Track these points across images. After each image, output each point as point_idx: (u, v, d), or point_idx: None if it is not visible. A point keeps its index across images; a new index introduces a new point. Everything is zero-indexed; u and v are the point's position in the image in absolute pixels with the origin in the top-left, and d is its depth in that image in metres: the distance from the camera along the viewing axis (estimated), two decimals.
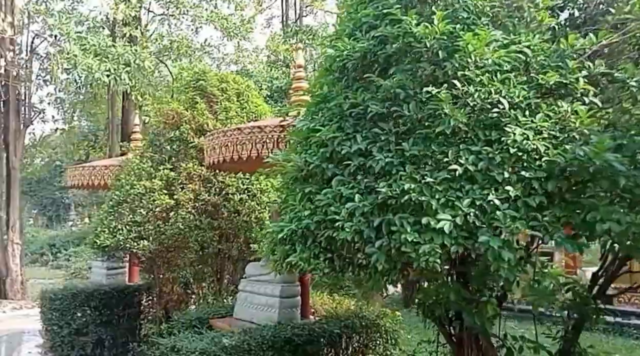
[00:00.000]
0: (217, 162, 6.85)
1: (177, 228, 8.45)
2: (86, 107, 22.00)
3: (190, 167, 8.79)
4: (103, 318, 10.22)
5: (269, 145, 6.30)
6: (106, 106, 22.90)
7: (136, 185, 8.80)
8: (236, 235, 8.96)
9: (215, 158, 6.83)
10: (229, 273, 9.40)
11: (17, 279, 19.04)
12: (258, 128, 6.40)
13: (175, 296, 9.19)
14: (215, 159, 6.84)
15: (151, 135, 9.49)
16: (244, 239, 8.93)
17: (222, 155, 6.70)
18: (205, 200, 8.64)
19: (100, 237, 8.71)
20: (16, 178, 19.38)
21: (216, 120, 9.19)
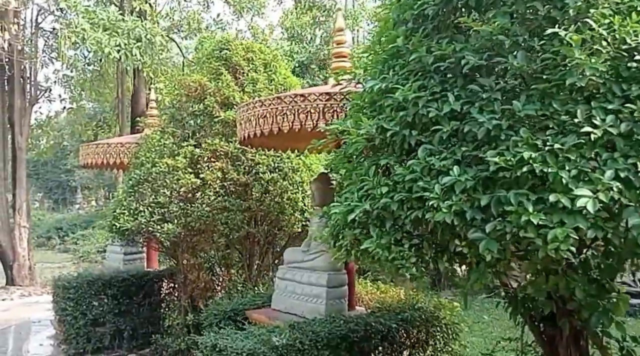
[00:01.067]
0: (252, 135, 6.09)
1: (204, 210, 7.71)
2: (94, 86, 21.10)
3: (216, 143, 8.04)
4: (121, 307, 9.52)
5: (314, 116, 5.54)
6: (114, 85, 22.06)
7: (158, 163, 8.07)
8: (266, 217, 8.21)
9: (252, 131, 6.07)
10: (259, 259, 8.66)
11: (25, 264, 18.36)
12: (301, 96, 5.64)
13: (201, 283, 8.46)
14: (251, 132, 6.07)
15: (172, 109, 8.73)
16: (276, 221, 8.17)
17: (260, 128, 5.94)
18: (234, 179, 7.90)
19: (120, 220, 7.97)
20: (22, 159, 18.65)
21: (243, 92, 8.42)
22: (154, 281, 9.90)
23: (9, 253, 18.19)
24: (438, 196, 3.11)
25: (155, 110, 11.30)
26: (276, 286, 6.72)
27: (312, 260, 6.28)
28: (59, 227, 36.11)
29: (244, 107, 6.23)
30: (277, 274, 6.76)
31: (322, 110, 5.51)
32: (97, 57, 16.03)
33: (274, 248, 8.65)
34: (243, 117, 6.24)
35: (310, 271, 6.26)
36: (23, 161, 18.67)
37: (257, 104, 5.98)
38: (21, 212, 18.39)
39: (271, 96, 5.94)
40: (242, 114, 6.29)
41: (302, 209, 8.18)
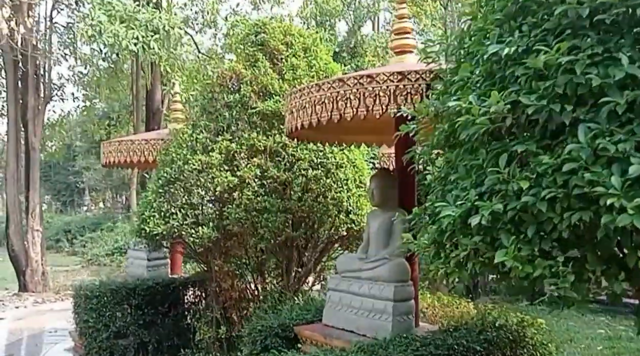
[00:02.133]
0: (307, 125, 5.26)
1: (243, 212, 6.88)
2: (108, 83, 20.32)
3: (254, 137, 7.22)
4: (146, 318, 8.71)
5: (383, 100, 4.70)
6: (128, 82, 21.28)
7: (190, 160, 7.26)
8: (308, 218, 7.37)
9: (306, 120, 5.24)
10: (297, 265, 7.83)
11: (38, 270, 17.60)
12: (368, 77, 4.80)
13: (235, 293, 7.64)
14: (305, 121, 5.24)
15: (203, 101, 7.90)
16: (319, 223, 7.34)
17: (317, 116, 5.10)
18: (274, 176, 7.06)
19: (150, 223, 7.15)
20: (36, 159, 17.91)
21: (282, 80, 7.58)
22: (180, 289, 9.09)
23: (21, 259, 17.47)
24: (618, 192, 2.26)
25: (179, 104, 10.48)
26: (328, 299, 5.89)
27: (372, 269, 5.45)
28: (67, 229, 35.61)
29: (297, 93, 5.40)
30: (329, 284, 5.93)
31: (394, 92, 4.66)
32: (114, 52, 15.14)
33: (312, 253, 7.80)
34: (295, 105, 5.42)
35: (370, 282, 5.42)
36: (37, 162, 17.93)
37: (313, 89, 5.14)
38: (34, 215, 17.63)
39: (331, 79, 5.09)
40: (293, 101, 5.46)
41: (347, 210, 7.34)
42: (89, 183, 51.44)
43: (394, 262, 5.28)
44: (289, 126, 5.65)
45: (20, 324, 12.63)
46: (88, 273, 20.83)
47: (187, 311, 9.07)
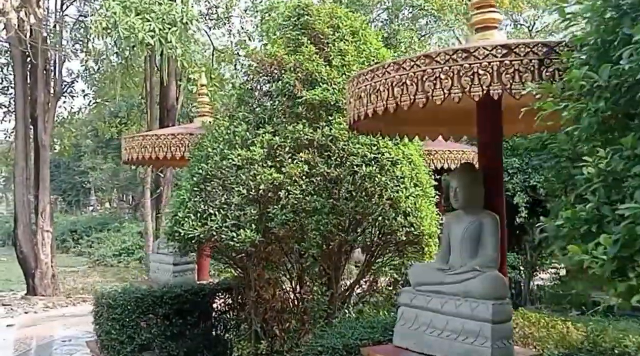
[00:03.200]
0: (380, 111, 4.48)
1: (290, 213, 6.10)
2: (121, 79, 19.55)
3: (299, 130, 6.42)
4: (174, 329, 7.92)
5: (484, 79, 3.91)
6: (140, 78, 20.48)
7: (229, 155, 6.47)
8: (361, 221, 6.59)
9: (379, 105, 4.47)
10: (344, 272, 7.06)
11: (48, 272, 16.88)
12: (464, 52, 4.00)
13: (278, 303, 6.85)
14: (379, 107, 4.48)
15: (241, 90, 7.13)
16: (376, 227, 6.55)
17: (395, 100, 4.32)
18: (324, 174, 6.27)
19: (184, 225, 6.36)
20: (46, 157, 17.16)
21: (329, 66, 6.80)
22: (210, 297, 8.32)
23: (30, 260, 16.74)
24: None
25: (206, 97, 9.70)
26: (400, 316, 5.09)
27: (459, 283, 4.63)
28: (73, 229, 35.08)
29: (369, 74, 4.60)
30: (401, 299, 5.13)
31: (497, 70, 3.86)
32: (129, 45, 14.33)
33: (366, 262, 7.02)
34: (365, 88, 4.63)
35: (457, 298, 4.61)
36: (47, 160, 17.18)
37: (391, 68, 4.35)
38: (44, 215, 16.89)
39: (414, 55, 4.30)
40: (362, 84, 4.68)
41: (405, 211, 6.53)
42: (95, 183, 50.89)
43: (489, 275, 4.48)
44: (354, 114, 4.87)
45: (30, 331, 11.90)
46: (97, 275, 20.04)
47: (217, 322, 8.33)
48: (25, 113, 16.93)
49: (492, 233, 4.71)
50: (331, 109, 6.59)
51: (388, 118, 4.92)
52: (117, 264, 30.07)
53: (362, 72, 4.74)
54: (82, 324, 12.03)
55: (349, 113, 5.01)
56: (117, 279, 21.55)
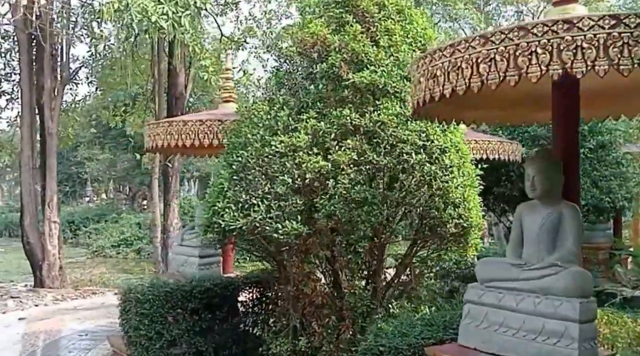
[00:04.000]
0: (460, 91, 4.09)
1: (340, 203, 5.73)
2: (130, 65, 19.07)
3: (345, 115, 6.05)
4: (202, 324, 7.59)
5: (589, 53, 3.53)
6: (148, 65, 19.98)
7: (271, 141, 6.09)
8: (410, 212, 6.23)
9: (460, 84, 4.08)
10: None
11: (55, 264, 16.48)
12: (565, 23, 3.62)
13: (318, 298, 6.49)
14: (461, 86, 4.07)
15: (280, 72, 6.75)
16: (426, 219, 6.19)
17: (480, 78, 3.93)
18: (373, 162, 5.90)
19: (225, 216, 5.98)
20: (53, 146, 16.73)
21: (377, 47, 6.42)
22: (238, 291, 7.99)
23: (37, 252, 16.30)
24: None
25: (231, 82, 9.30)
26: (466, 314, 4.73)
27: (538, 279, 4.27)
28: (70, 220, 34.82)
29: (446, 50, 4.21)
30: (467, 296, 4.77)
31: (604, 43, 3.49)
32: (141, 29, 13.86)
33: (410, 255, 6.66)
34: (441, 66, 4.24)
35: (536, 296, 4.25)
36: (54, 148, 16.75)
37: (476, 42, 3.96)
38: (52, 206, 16.49)
39: (505, 27, 3.91)
40: (438, 61, 4.28)
41: (455, 203, 6.17)
42: (91, 174, 50.55)
43: (572, 271, 4.12)
44: (425, 94, 4.47)
45: (43, 325, 11.50)
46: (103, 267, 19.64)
47: (246, 316, 7.99)
48: (32, 100, 16.47)
49: (573, 225, 4.36)
50: (378, 93, 6.22)
51: (458, 101, 4.54)
52: (116, 255, 29.83)
53: (438, 48, 4.35)
54: (97, 318, 11.73)
55: (417, 94, 4.62)
56: (122, 271, 21.27)
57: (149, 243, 31.51)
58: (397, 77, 6.24)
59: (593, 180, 12.28)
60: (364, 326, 6.60)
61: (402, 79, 6.25)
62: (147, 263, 23.44)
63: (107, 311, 12.58)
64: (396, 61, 6.33)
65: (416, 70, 4.66)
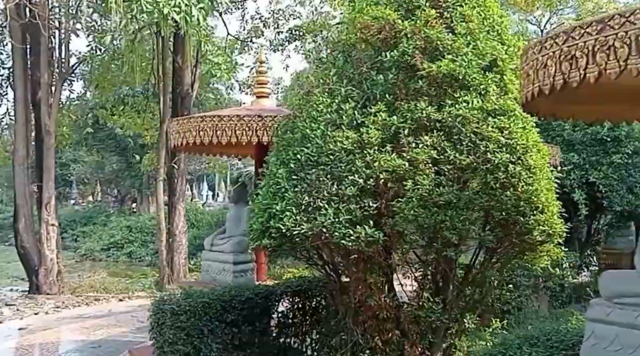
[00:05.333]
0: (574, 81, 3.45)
1: (420, 207, 5.08)
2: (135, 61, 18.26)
3: (421, 109, 5.40)
4: (243, 337, 6.92)
5: None
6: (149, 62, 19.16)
7: (335, 137, 5.41)
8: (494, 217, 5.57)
9: (575, 75, 3.43)
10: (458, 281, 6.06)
11: (53, 269, 15.70)
12: None
13: (383, 311, 5.83)
14: (574, 77, 3.43)
15: (339, 61, 6.08)
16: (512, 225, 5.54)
17: (598, 67, 3.29)
18: (454, 161, 5.25)
19: (285, 220, 5.30)
20: (51, 144, 15.88)
21: (453, 34, 5.78)
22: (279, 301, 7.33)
23: (33, 256, 15.50)
24: None
25: (264, 77, 8.62)
26: (590, 333, 4.11)
27: None
28: None
29: (575, 31, 3.55)
30: (591, 313, 4.15)
31: None
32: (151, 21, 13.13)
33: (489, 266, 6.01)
34: (548, 56, 3.59)
35: None
36: (51, 147, 15.91)
37: (590, 28, 3.32)
38: (49, 208, 15.69)
39: (624, 10, 3.28)
40: (546, 51, 3.63)
41: (539, 208, 5.53)
42: (78, 176, 49.77)
43: None
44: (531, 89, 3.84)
45: (48, 336, 10.71)
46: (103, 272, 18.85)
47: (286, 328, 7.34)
48: (26, 96, 15.64)
49: None
50: (457, 85, 5.58)
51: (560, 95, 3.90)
52: (105, 259, 29.13)
53: (548, 36, 3.71)
54: (106, 327, 11.00)
55: (532, 84, 3.97)
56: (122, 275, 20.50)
57: (141, 246, 30.81)
58: (476, 68, 5.59)
59: (628, 187, 11.75)
60: (432, 343, 5.98)
61: (483, 70, 5.61)
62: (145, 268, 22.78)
63: (116, 320, 11.88)
64: (475, 50, 5.69)
65: (525, 61, 4.04)
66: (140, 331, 10.69)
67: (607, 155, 11.83)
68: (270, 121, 7.40)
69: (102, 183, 53.57)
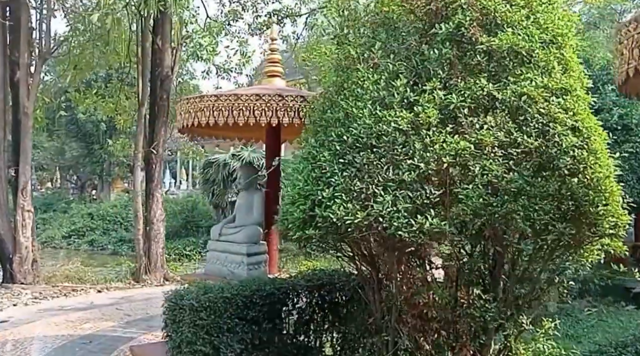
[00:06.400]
0: None
1: (488, 195, 4.56)
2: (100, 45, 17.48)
3: (481, 86, 4.88)
4: (262, 335, 6.35)
5: None
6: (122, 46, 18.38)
7: (385, 116, 4.86)
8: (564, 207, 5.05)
9: None
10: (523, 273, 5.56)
11: (28, 257, 14.95)
12: None
13: (431, 310, 5.31)
14: None
15: (381, 34, 5.52)
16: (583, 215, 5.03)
17: None
18: (523, 144, 4.74)
19: (335, 208, 4.73)
20: (28, 127, 15.11)
21: (509, 4, 5.25)
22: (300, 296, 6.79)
23: (7, 244, 14.71)
24: None
25: (277, 55, 8.02)
26: None
27: None
28: None
29: None
30: None
31: None
32: None
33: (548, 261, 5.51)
34: None
35: None
36: (29, 130, 15.13)
37: None
38: (25, 193, 14.94)
39: None
40: None
41: (607, 196, 5.04)
42: (37, 162, 48.65)
43: None
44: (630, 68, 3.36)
45: (32, 330, 10.01)
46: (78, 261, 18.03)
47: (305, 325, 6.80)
48: (5, 76, 14.82)
49: None
50: (517, 61, 5.06)
51: None
52: (66, 246, 28.40)
53: None
54: (93, 321, 10.39)
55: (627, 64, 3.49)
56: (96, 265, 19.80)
57: (104, 234, 30.01)
58: (539, 42, 5.08)
59: (639, 177, 11.38)
60: (483, 344, 5.48)
61: (546, 45, 5.11)
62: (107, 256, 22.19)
63: (101, 313, 11.24)
64: (536, 23, 5.17)
65: (619, 40, 3.58)
66: (130, 325, 10.14)
67: (617, 144, 11.44)
68: (291, 101, 6.82)
69: (61, 169, 52.57)
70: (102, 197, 44.66)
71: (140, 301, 12.61)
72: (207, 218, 28.35)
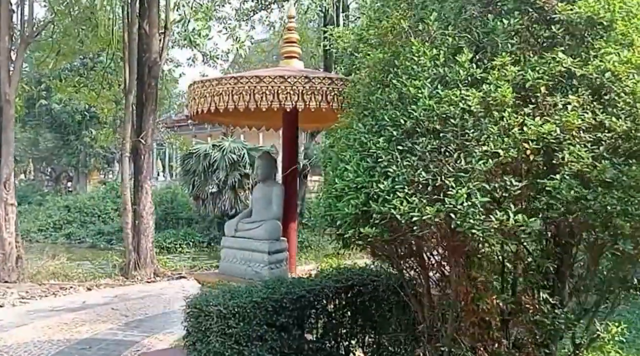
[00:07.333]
0: None
1: (580, 186, 3.93)
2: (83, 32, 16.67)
3: (560, 61, 4.24)
4: (292, 343, 5.70)
5: None
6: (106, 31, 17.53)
7: (448, 96, 4.21)
8: None
9: None
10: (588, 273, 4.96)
11: (12, 254, 14.16)
12: None
13: (494, 317, 4.69)
14: None
15: (435, 4, 4.87)
16: None
17: None
18: (610, 127, 4.11)
19: (396, 202, 4.07)
20: (11, 115, 14.29)
21: None
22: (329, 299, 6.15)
23: None
24: None
25: (294, 34, 7.33)
26: None
27: None
28: None
29: None
30: None
31: None
32: None
33: None
34: None
35: None
36: (11, 118, 14.30)
37: None
38: (8, 186, 14.10)
39: None
40: None
41: None
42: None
43: None
44: None
45: (25, 334, 9.24)
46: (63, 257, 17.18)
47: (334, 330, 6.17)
48: None
49: None
50: (596, 33, 4.43)
51: None
52: (43, 240, 27.66)
53: None
54: (88, 323, 9.69)
55: None
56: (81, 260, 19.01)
57: (81, 227, 29.15)
58: (620, 12, 4.45)
59: None
60: (548, 353, 4.87)
61: (628, 15, 4.48)
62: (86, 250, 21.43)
63: (96, 313, 10.51)
64: None
65: None
66: (129, 327, 9.44)
67: None
68: (319, 83, 6.14)
69: (35, 161, 51.54)
70: (78, 188, 43.73)
71: (136, 300, 11.90)
72: (186, 210, 27.67)
